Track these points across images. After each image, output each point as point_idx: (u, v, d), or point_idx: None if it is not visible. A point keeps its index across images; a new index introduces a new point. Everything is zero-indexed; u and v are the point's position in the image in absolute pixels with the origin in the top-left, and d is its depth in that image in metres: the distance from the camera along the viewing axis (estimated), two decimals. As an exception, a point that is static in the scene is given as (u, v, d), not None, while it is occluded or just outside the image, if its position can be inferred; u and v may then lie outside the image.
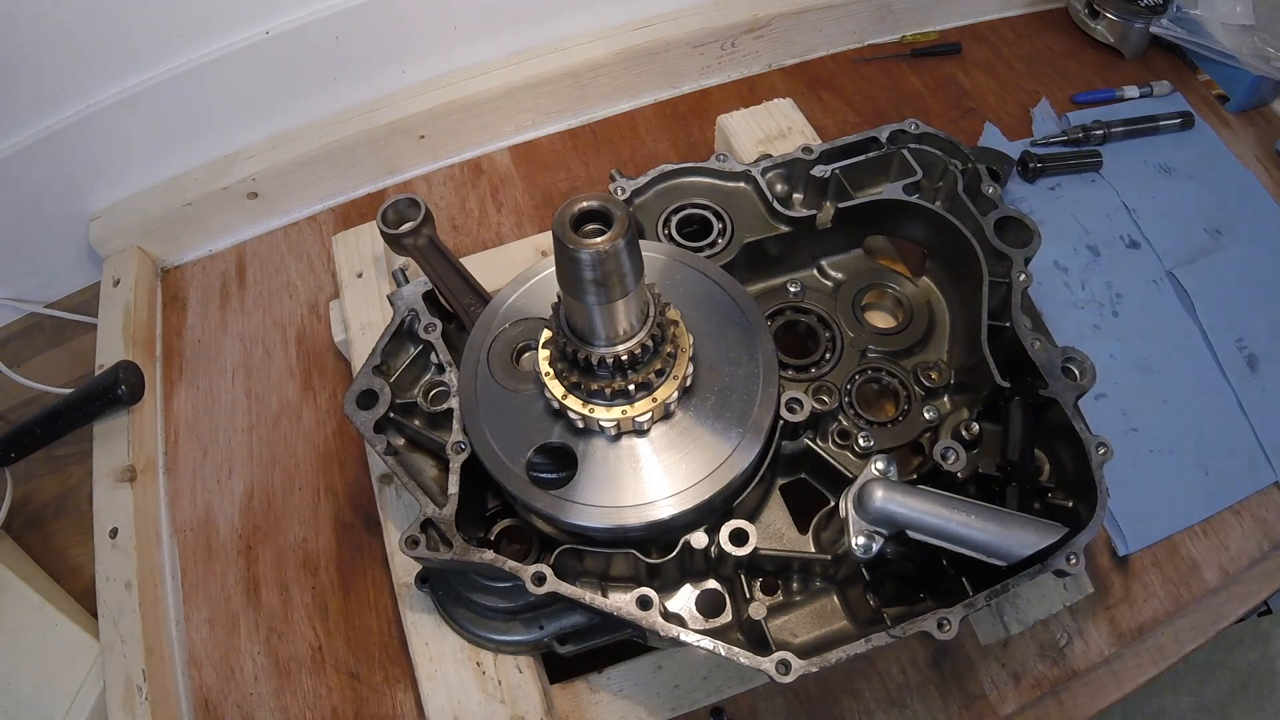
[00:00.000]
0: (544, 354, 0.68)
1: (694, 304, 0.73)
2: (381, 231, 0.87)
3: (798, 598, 0.74)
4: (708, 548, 0.67)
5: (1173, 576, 0.94)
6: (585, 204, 0.56)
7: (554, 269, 0.59)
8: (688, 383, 0.68)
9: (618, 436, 0.67)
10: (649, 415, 0.66)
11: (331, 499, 1.01)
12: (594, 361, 0.63)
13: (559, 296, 0.63)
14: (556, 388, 0.66)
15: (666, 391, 0.66)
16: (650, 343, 0.64)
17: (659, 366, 0.65)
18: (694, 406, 0.69)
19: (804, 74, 1.38)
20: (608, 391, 0.65)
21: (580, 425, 0.67)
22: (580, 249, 0.54)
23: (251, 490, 1.03)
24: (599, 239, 0.54)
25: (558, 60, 1.26)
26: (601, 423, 0.66)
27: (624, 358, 0.62)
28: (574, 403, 0.66)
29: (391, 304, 0.82)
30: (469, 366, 0.73)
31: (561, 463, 0.69)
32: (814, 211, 0.88)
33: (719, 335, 0.72)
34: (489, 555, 0.69)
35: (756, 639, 0.68)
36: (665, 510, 0.65)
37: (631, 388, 0.64)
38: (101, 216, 1.18)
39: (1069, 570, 0.67)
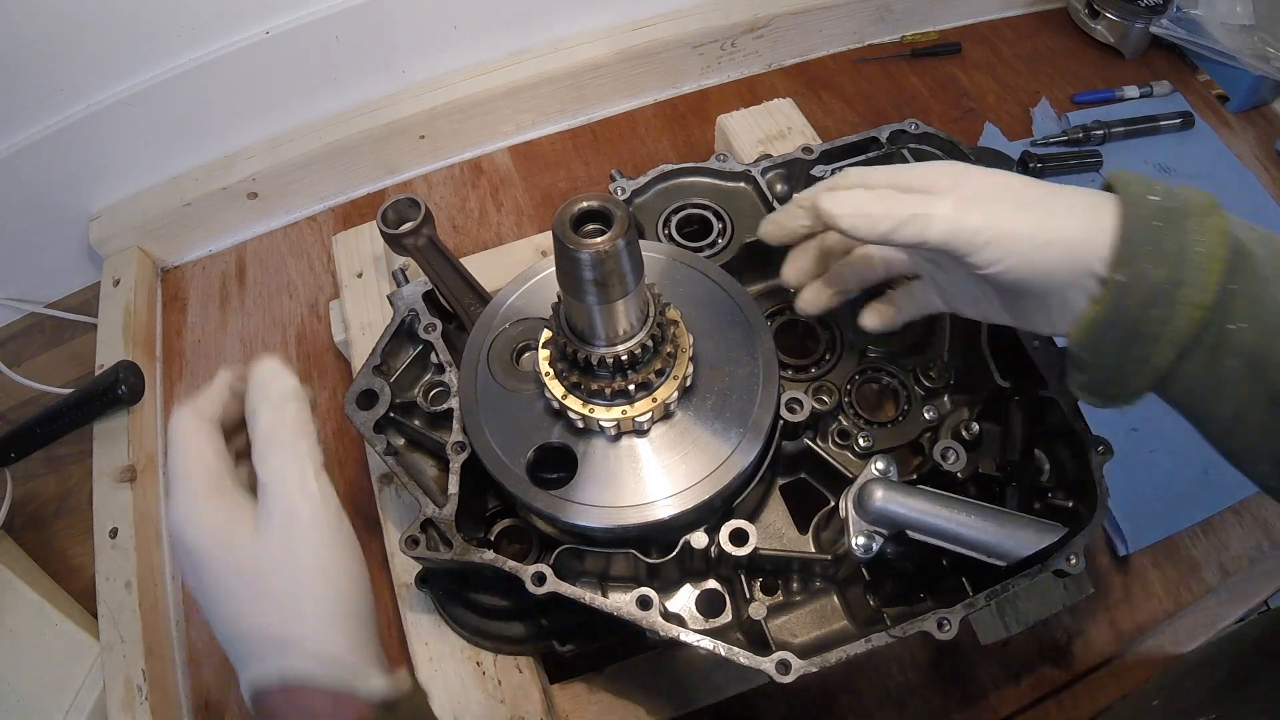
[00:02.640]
0: (544, 354, 0.68)
1: (694, 304, 0.73)
2: (381, 231, 0.87)
3: (798, 598, 0.74)
4: (708, 548, 0.67)
5: (1173, 576, 0.94)
6: (585, 204, 0.56)
7: (554, 269, 0.59)
8: (688, 383, 0.68)
9: (618, 436, 0.67)
10: (649, 415, 0.66)
11: (331, 499, 1.01)
12: (594, 361, 0.63)
13: (559, 296, 0.63)
14: (556, 388, 0.66)
15: (666, 391, 0.66)
16: (650, 343, 0.63)
17: (659, 366, 0.65)
18: (694, 406, 0.69)
19: (804, 74, 1.38)
20: (607, 391, 0.65)
21: (580, 425, 0.67)
22: (580, 249, 0.54)
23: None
24: (599, 239, 0.54)
25: (558, 60, 1.26)
26: (601, 423, 0.66)
27: (624, 358, 0.62)
28: (574, 403, 0.66)
29: (391, 304, 0.82)
30: (469, 366, 0.73)
31: (562, 463, 0.69)
32: (814, 211, 0.88)
33: (719, 335, 0.72)
34: (489, 555, 0.69)
35: (756, 639, 0.68)
36: (665, 510, 0.65)
37: (631, 388, 0.64)
38: (101, 216, 1.18)
39: (1069, 570, 0.67)
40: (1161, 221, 0.55)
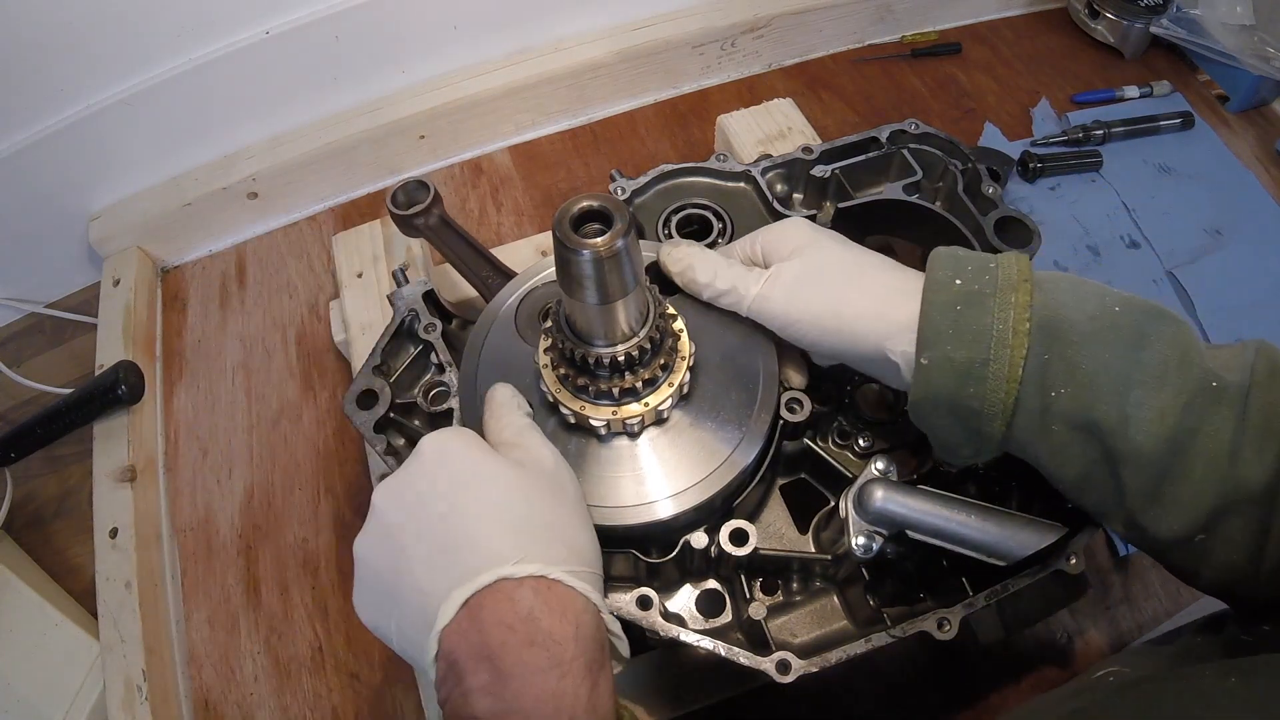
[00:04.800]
0: (544, 342, 0.67)
1: (694, 309, 0.73)
2: (391, 214, 0.87)
3: (798, 598, 0.74)
4: (708, 548, 0.67)
5: (1172, 576, 0.94)
6: (585, 203, 0.56)
7: (553, 268, 0.59)
8: (684, 391, 0.68)
9: (611, 436, 0.67)
10: (639, 420, 0.65)
11: (331, 499, 1.01)
12: (590, 361, 0.63)
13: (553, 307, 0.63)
14: (550, 379, 0.66)
15: (659, 398, 0.66)
16: (649, 345, 0.63)
17: (648, 376, 0.65)
18: (693, 407, 0.69)
19: (804, 74, 1.38)
20: (591, 390, 0.64)
21: (572, 421, 0.67)
22: (580, 248, 0.54)
23: (251, 490, 1.03)
24: (599, 239, 0.54)
25: (558, 60, 1.26)
26: (592, 420, 0.65)
27: (621, 359, 0.62)
28: (566, 397, 0.66)
29: (391, 304, 0.82)
30: (469, 365, 0.73)
31: None
32: (814, 211, 0.88)
33: (719, 334, 0.72)
34: (489, 555, 0.69)
35: (756, 639, 0.68)
36: (665, 510, 0.65)
37: (615, 391, 0.64)
38: (101, 216, 1.18)
39: (1069, 570, 0.67)
40: (963, 305, 0.58)
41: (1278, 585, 0.54)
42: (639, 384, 0.64)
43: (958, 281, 0.60)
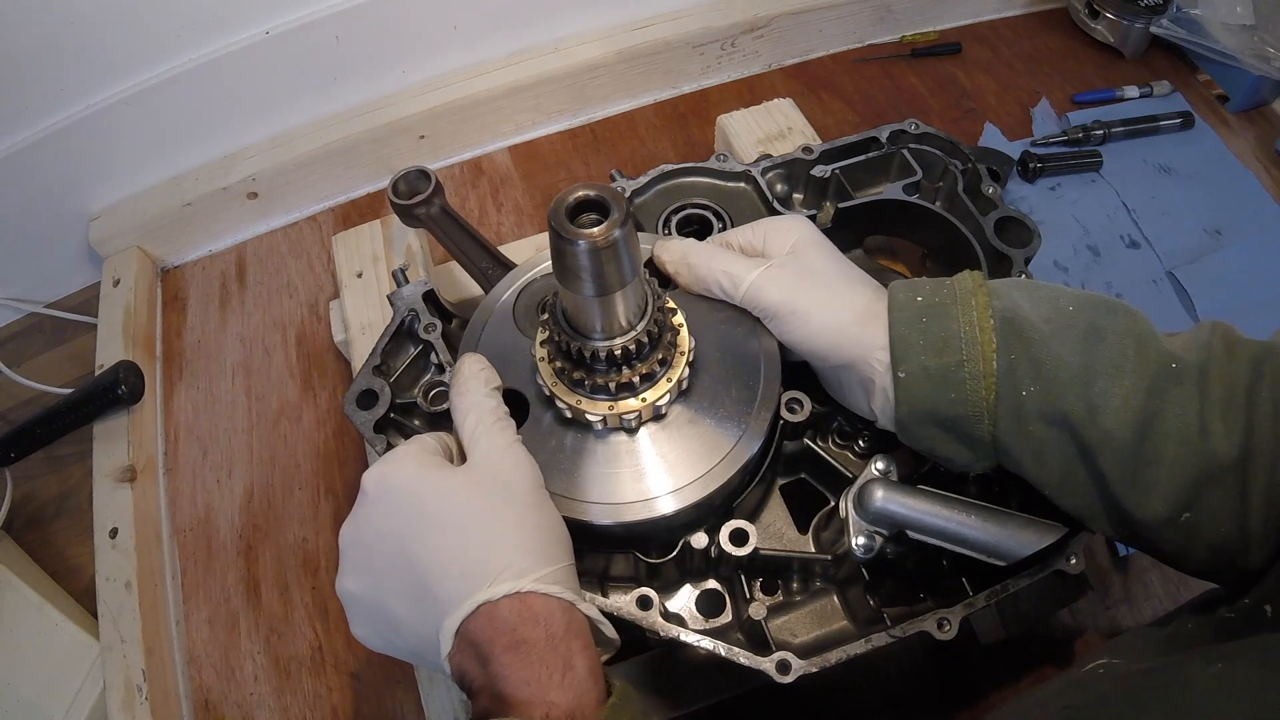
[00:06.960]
0: (540, 335, 0.67)
1: (693, 303, 0.73)
2: (392, 203, 0.87)
3: (798, 598, 0.74)
4: (708, 548, 0.67)
5: (1173, 576, 0.94)
6: (582, 193, 0.55)
7: (550, 262, 0.59)
8: (684, 386, 0.67)
9: (607, 431, 0.67)
10: (636, 415, 0.65)
11: (331, 499, 1.01)
12: (587, 354, 0.63)
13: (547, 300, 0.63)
14: (547, 371, 0.66)
15: (657, 393, 0.65)
16: (646, 339, 0.63)
17: (645, 370, 0.65)
18: (692, 403, 0.69)
19: (804, 74, 1.38)
20: (586, 384, 0.64)
21: (568, 415, 0.66)
22: (576, 239, 0.54)
23: (251, 490, 1.03)
24: (595, 229, 0.54)
25: (558, 60, 1.26)
26: (588, 415, 0.65)
27: (618, 352, 0.62)
28: (562, 391, 0.65)
29: (391, 304, 0.82)
30: (473, 332, 0.73)
31: (517, 410, 0.68)
32: (814, 211, 0.88)
33: (719, 329, 0.71)
34: (489, 555, 0.68)
35: (757, 639, 0.68)
36: (664, 507, 0.64)
37: (612, 385, 0.64)
38: (101, 216, 1.18)
39: (1069, 570, 0.67)
40: (927, 317, 0.61)
41: (1268, 551, 0.55)
42: (636, 379, 0.64)
43: (919, 299, 0.62)
